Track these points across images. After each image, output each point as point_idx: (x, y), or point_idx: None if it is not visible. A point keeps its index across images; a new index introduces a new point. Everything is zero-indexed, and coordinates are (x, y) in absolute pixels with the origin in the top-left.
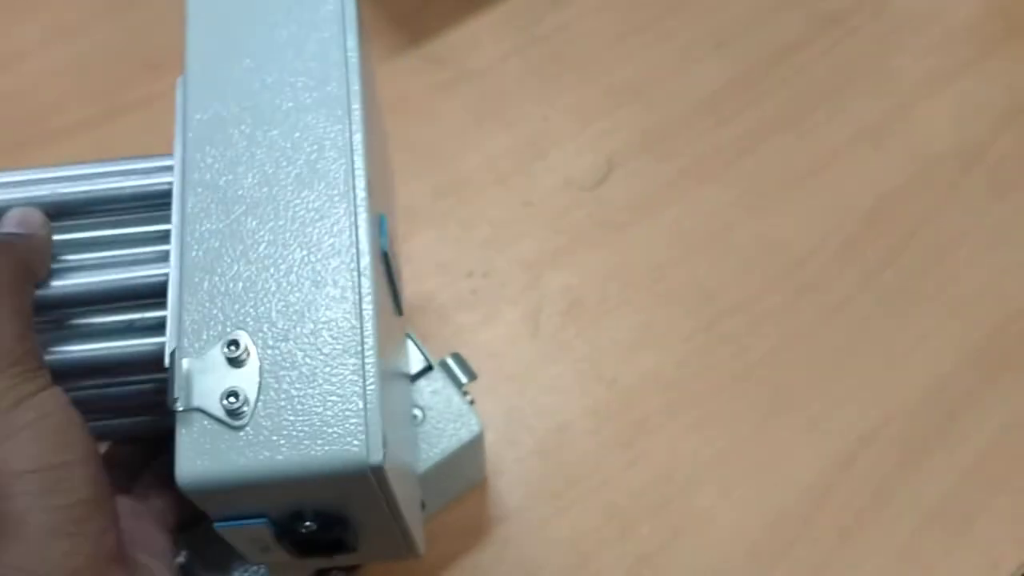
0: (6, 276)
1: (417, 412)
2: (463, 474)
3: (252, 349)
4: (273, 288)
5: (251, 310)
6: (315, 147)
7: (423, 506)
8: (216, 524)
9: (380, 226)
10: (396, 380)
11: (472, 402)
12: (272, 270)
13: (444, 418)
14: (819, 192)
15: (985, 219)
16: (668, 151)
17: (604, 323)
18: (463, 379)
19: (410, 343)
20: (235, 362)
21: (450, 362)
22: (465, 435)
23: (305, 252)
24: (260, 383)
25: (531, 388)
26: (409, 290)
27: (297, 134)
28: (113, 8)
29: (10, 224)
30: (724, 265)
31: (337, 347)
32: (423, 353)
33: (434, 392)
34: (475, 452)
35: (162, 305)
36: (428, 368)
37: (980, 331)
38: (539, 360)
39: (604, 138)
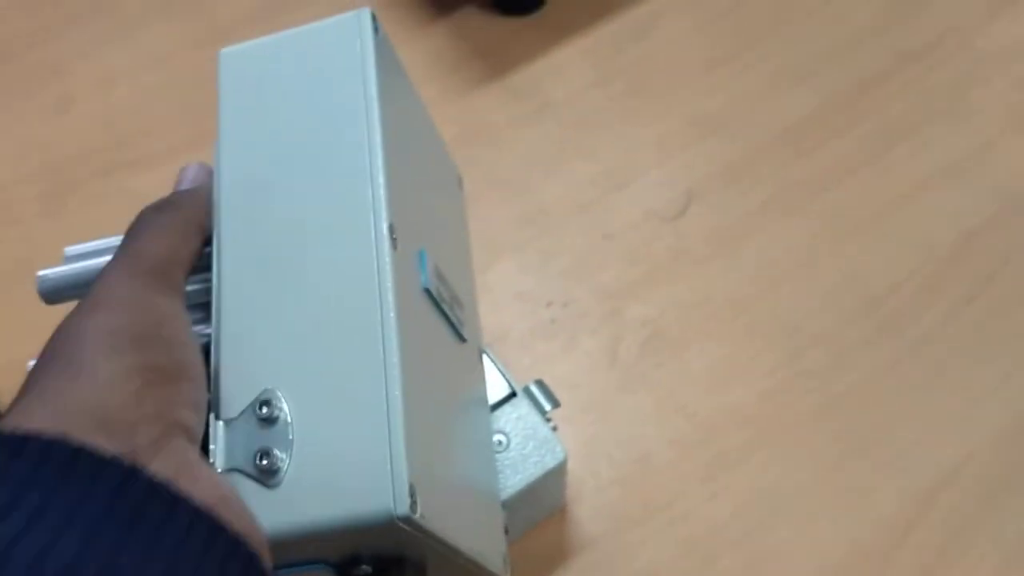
0: (200, 216)
1: (501, 438)
2: (545, 501)
3: (284, 406)
4: (303, 343)
5: (282, 367)
6: (338, 201)
7: (506, 531)
8: (277, 570)
9: (420, 262)
10: (460, 410)
11: (555, 429)
12: (302, 324)
13: (528, 445)
14: (902, 227)
15: None
16: (749, 183)
17: (684, 355)
18: (547, 406)
19: (493, 369)
20: (267, 421)
21: (534, 389)
22: (550, 462)
23: (333, 303)
24: (292, 440)
25: (611, 418)
26: (488, 319)
27: (322, 189)
28: (200, 42)
29: (187, 181)
30: (806, 299)
31: (361, 397)
32: (507, 379)
33: (518, 419)
34: (558, 479)
35: None
36: (512, 395)
37: None
38: (618, 390)
39: (685, 169)
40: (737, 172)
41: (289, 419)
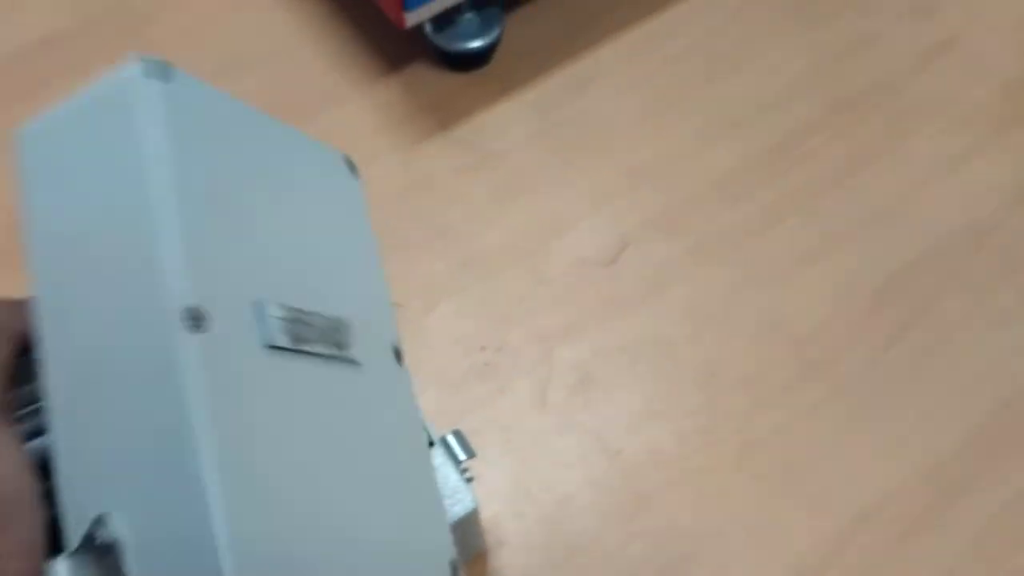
0: (15, 322)
1: None
2: (463, 546)
3: (118, 529)
4: (126, 457)
5: (112, 485)
6: (134, 292)
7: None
8: None
9: (258, 317)
10: (355, 444)
11: (470, 479)
12: (121, 436)
13: (440, 493)
14: (829, 271)
15: (992, 298)
16: (680, 230)
17: (610, 397)
18: (462, 456)
19: None
20: (103, 549)
21: (450, 439)
22: (459, 511)
23: (142, 409)
24: (128, 568)
25: (538, 460)
26: (425, 362)
27: (121, 281)
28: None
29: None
30: (731, 342)
31: (184, 502)
32: (425, 429)
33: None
34: (470, 527)
35: None
36: (429, 444)
37: (982, 411)
38: (547, 432)
39: (618, 217)
40: (669, 220)
41: (124, 542)
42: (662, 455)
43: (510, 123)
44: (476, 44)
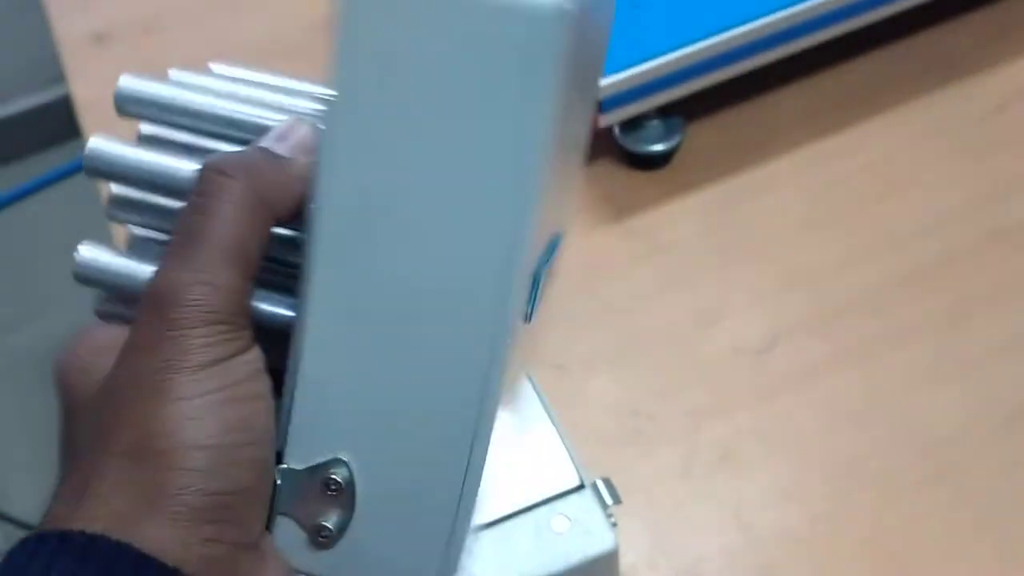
0: (238, 209)
1: (564, 521)
2: None
3: (352, 479)
4: (387, 417)
5: (359, 436)
6: (471, 247)
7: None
8: None
9: (550, 252)
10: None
11: (615, 524)
12: (391, 394)
13: (585, 531)
14: (964, 390)
15: None
16: (828, 333)
17: (750, 475)
18: (609, 500)
19: (567, 458)
20: (331, 488)
21: (599, 484)
22: (601, 549)
23: (429, 382)
24: (353, 516)
25: (675, 521)
26: (580, 422)
27: (455, 222)
28: None
29: (270, 138)
30: (867, 440)
31: (432, 502)
32: (577, 471)
33: (581, 508)
34: (610, 567)
35: None
36: (581, 487)
37: None
38: (687, 499)
39: (772, 315)
40: (817, 323)
41: (355, 494)
42: (790, 534)
43: (680, 220)
44: (659, 147)
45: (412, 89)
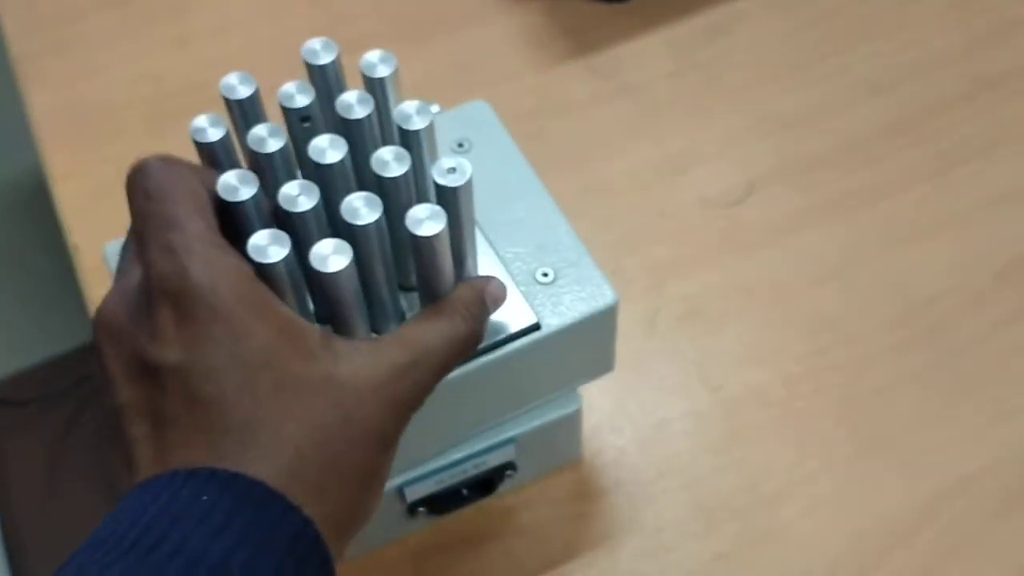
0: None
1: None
2: (562, 446)
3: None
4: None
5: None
6: None
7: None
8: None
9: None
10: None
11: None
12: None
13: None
14: (953, 243)
15: None
16: (808, 184)
17: (718, 334)
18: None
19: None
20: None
21: None
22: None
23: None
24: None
25: (639, 383)
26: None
27: None
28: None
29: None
30: (847, 297)
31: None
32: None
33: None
34: (572, 428)
35: None
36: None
37: None
38: (650, 358)
39: (746, 163)
40: (798, 172)
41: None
42: (762, 396)
43: (649, 57)
44: None
45: None
